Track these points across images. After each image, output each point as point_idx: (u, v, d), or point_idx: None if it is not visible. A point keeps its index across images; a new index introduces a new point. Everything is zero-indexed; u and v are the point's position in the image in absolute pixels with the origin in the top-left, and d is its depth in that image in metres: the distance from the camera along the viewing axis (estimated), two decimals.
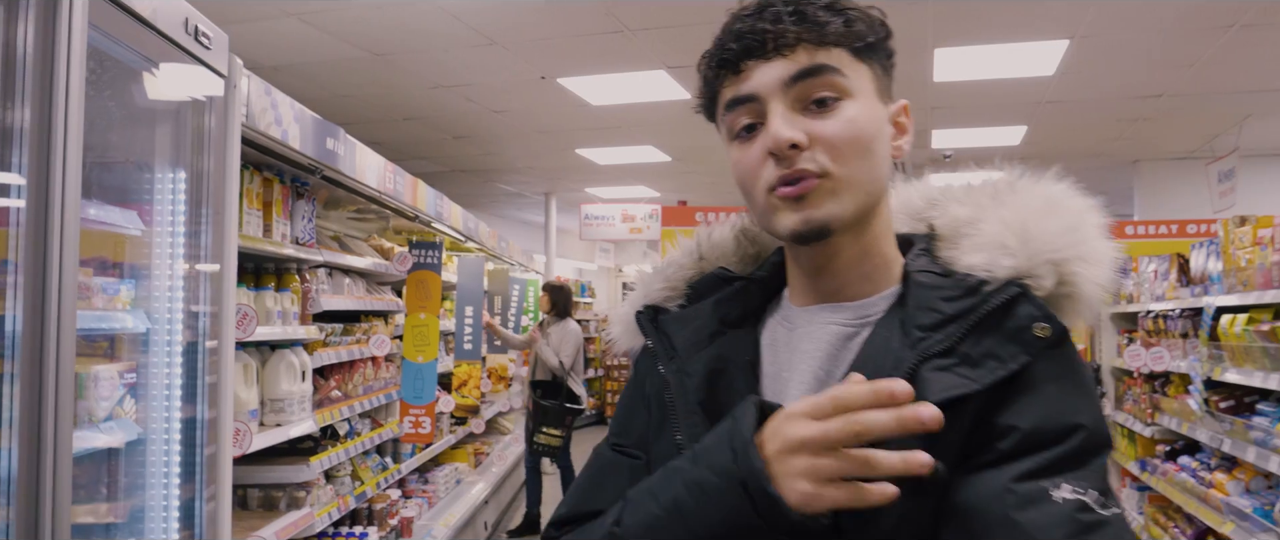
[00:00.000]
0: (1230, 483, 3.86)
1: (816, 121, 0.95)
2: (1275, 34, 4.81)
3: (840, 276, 1.02)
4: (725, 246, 1.17)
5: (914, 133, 1.08)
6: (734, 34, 0.97)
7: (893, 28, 1.04)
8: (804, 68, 0.95)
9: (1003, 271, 0.95)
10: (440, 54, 5.17)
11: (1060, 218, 0.99)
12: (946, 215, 1.05)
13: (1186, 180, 7.97)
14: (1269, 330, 3.19)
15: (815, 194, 0.95)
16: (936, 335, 0.93)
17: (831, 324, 1.01)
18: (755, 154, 0.97)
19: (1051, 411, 0.87)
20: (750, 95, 0.97)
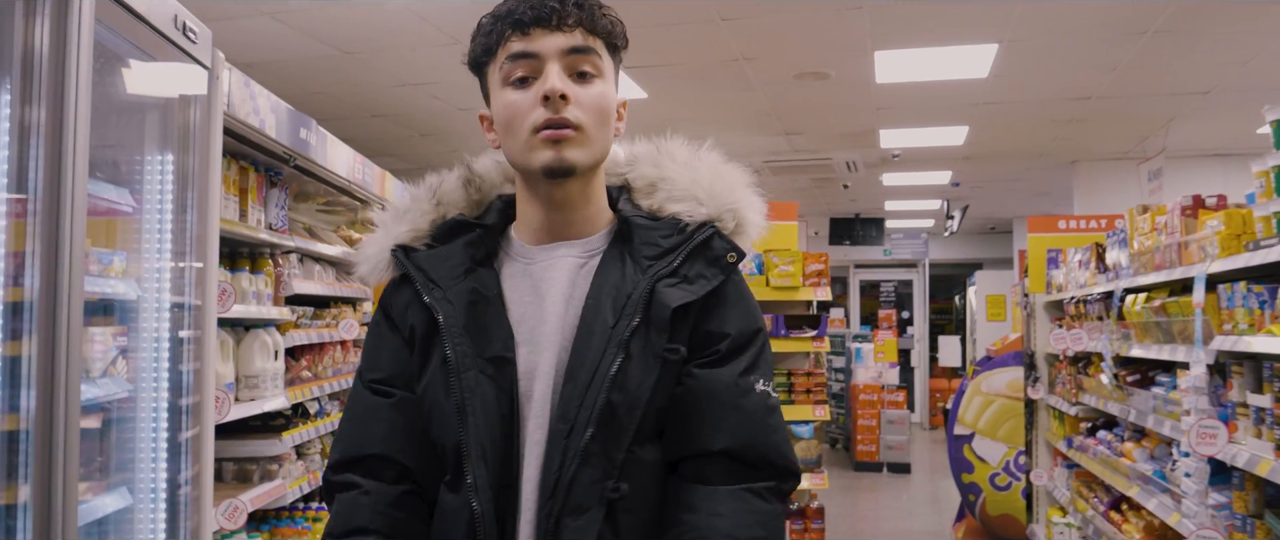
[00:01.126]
0: (1137, 451, 4.20)
1: (579, 88, 1.26)
2: (1188, 41, 5.17)
3: (570, 214, 1.32)
4: (455, 193, 1.42)
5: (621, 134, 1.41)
6: (528, 3, 1.26)
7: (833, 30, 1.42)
8: (579, 45, 1.26)
9: (700, 216, 1.31)
10: (408, 53, 5.41)
11: (726, 179, 1.36)
12: (640, 175, 1.38)
13: (1121, 180, 8.37)
14: (1160, 306, 3.53)
15: (570, 141, 1.25)
16: (661, 263, 1.27)
17: (569, 257, 1.32)
18: (528, 99, 1.26)
19: (744, 320, 1.29)
20: (534, 53, 1.25)
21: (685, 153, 1.40)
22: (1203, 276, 3.03)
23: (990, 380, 6.84)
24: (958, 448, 6.82)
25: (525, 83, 1.27)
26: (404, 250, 1.35)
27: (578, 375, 1.23)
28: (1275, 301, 2.60)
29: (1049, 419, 6.13)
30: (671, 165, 1.38)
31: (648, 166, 1.39)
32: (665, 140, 1.43)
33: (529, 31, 1.26)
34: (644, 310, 1.24)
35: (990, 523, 6.69)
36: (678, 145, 1.41)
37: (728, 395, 1.25)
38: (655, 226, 1.32)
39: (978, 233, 14.71)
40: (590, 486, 1.19)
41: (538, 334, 1.28)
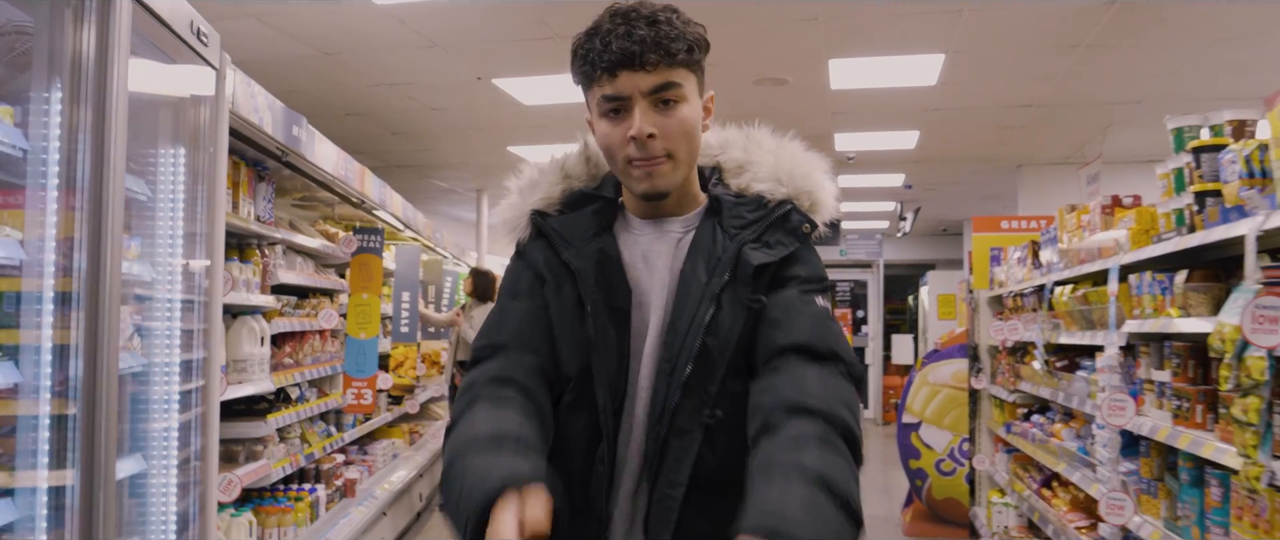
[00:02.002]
0: (1066, 431, 4.56)
1: (663, 118, 1.45)
2: (1120, 54, 5.57)
3: (669, 207, 1.57)
4: (578, 168, 1.65)
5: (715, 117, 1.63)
6: (611, 49, 1.41)
7: (790, 39, 1.65)
8: (661, 82, 1.44)
9: (780, 195, 1.55)
10: (385, 54, 5.65)
11: (804, 166, 1.60)
12: (730, 158, 1.62)
13: (1062, 183, 8.81)
14: (1083, 295, 3.88)
15: (660, 170, 1.47)
16: (747, 232, 1.51)
17: (671, 232, 1.58)
18: (621, 133, 1.45)
19: (812, 269, 1.52)
20: (622, 95, 1.44)
21: (771, 141, 1.63)
22: (1116, 268, 3.39)
23: (937, 372, 7.22)
24: (906, 436, 7.18)
25: (617, 114, 1.46)
26: (540, 215, 1.60)
27: (678, 323, 1.46)
28: (1173, 287, 2.95)
29: (991, 407, 6.51)
30: (758, 151, 1.61)
31: (737, 151, 1.62)
32: (753, 128, 1.66)
33: (616, 75, 1.42)
34: (732, 269, 1.47)
35: (936, 506, 7.06)
36: (764, 134, 1.65)
37: (795, 304, 1.46)
38: (742, 203, 1.54)
39: (930, 234, 15.19)
40: (691, 413, 1.43)
41: (648, 292, 1.53)
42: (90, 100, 2.14)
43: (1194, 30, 5.14)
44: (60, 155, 2.11)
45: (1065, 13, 4.88)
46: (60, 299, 2.13)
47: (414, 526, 7.04)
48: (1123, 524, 3.29)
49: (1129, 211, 3.48)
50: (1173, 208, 2.98)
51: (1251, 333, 2.08)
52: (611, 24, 1.45)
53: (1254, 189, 2.40)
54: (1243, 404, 2.22)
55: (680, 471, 1.41)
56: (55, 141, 2.10)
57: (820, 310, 1.47)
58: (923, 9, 4.86)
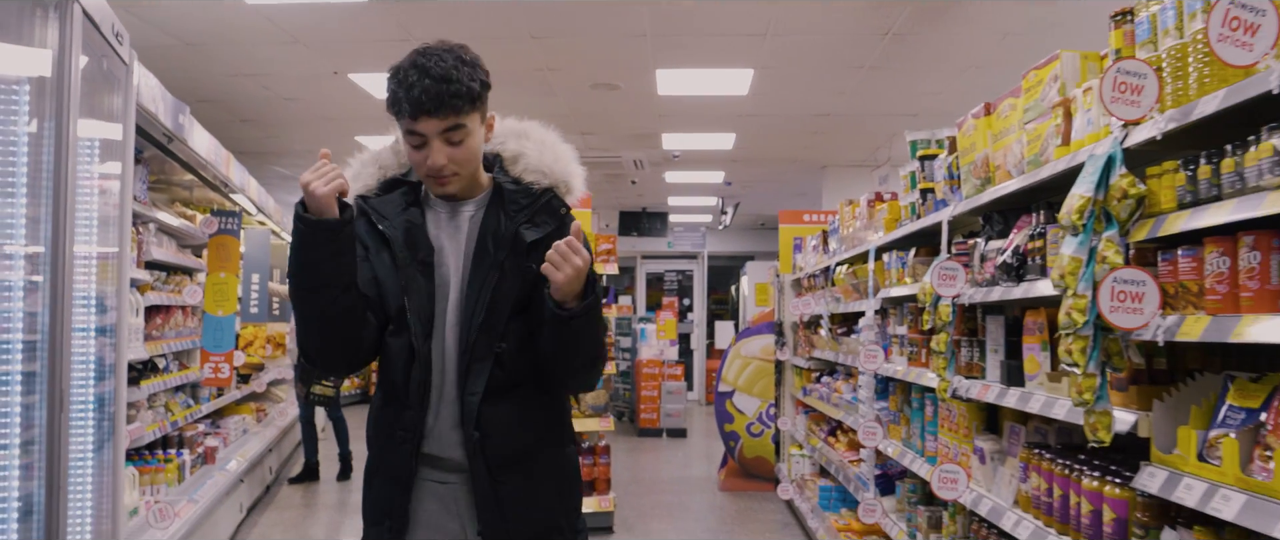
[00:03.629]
0: (845, 386, 5.54)
1: (453, 150, 1.89)
2: (894, 75, 6.64)
3: (460, 194, 2.03)
4: (387, 158, 2.11)
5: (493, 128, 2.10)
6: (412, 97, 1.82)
7: (621, 50, 2.16)
8: (451, 124, 1.87)
9: (545, 184, 2.02)
10: (249, 48, 6.03)
11: (562, 158, 2.12)
12: (506, 149, 2.08)
13: (860, 183, 10.02)
14: (853, 271, 4.84)
15: (450, 182, 1.94)
16: (521, 215, 2.04)
17: (464, 211, 2.04)
18: (422, 158, 1.89)
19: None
20: (420, 133, 1.87)
21: (539, 133, 2.11)
22: (873, 248, 4.33)
23: (748, 346, 8.21)
24: (721, 403, 8.13)
25: (418, 146, 1.90)
26: (362, 198, 2.14)
27: (474, 282, 1.97)
28: (908, 261, 3.88)
29: (792, 375, 7.52)
30: (528, 143, 2.07)
31: (512, 143, 2.07)
32: (522, 122, 2.12)
33: (416, 118, 1.85)
34: (511, 244, 1.95)
35: (747, 464, 8.04)
36: (534, 127, 2.13)
37: None
38: (518, 191, 2.01)
39: (750, 228, 16.43)
40: (486, 346, 1.94)
41: (448, 254, 2.02)
42: (51, 102, 2.60)
43: (949, 59, 6.25)
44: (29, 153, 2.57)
45: (848, 39, 5.86)
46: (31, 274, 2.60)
47: (265, 498, 7.40)
48: (876, 446, 4.23)
49: (884, 204, 4.43)
50: (908, 201, 3.91)
51: (938, 286, 2.97)
52: (413, 75, 1.86)
53: (951, 187, 3.32)
54: (937, 339, 3.12)
55: (479, 384, 1.95)
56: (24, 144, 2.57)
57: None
58: (733, 30, 5.72)
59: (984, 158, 2.95)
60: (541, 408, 2.07)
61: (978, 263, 2.96)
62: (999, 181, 2.82)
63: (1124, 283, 1.79)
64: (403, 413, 2.00)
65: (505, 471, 1.98)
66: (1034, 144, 2.53)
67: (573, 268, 1.82)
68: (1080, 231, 1.93)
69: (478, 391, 1.96)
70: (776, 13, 5.40)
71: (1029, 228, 2.61)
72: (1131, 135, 1.92)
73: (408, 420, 1.99)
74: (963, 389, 3.01)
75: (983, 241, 2.97)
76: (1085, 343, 1.91)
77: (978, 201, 2.91)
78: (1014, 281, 2.59)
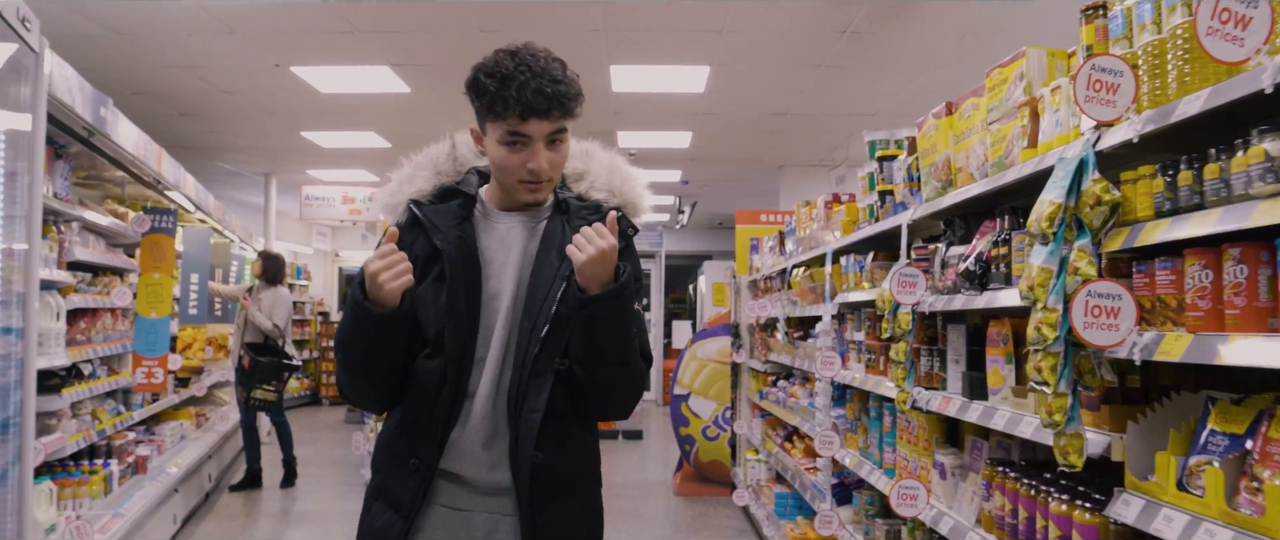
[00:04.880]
0: (802, 391, 5.42)
1: (553, 154, 1.81)
2: (853, 75, 6.54)
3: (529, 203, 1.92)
4: (446, 165, 2.00)
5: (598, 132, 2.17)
6: (525, 98, 1.71)
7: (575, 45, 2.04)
8: (557, 129, 1.80)
9: (613, 203, 1.95)
10: (183, 38, 5.76)
11: (630, 179, 2.04)
12: (571, 167, 1.99)
13: (817, 183, 9.95)
14: (810, 275, 4.71)
15: (544, 189, 1.85)
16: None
17: (521, 223, 1.96)
18: (520, 161, 1.78)
19: (634, 264, 1.96)
20: (527, 135, 1.76)
21: (603, 155, 2.02)
22: (830, 252, 4.20)
23: (704, 348, 8.07)
24: (676, 406, 7.99)
25: (516, 146, 1.78)
26: (416, 204, 1.94)
27: (536, 294, 1.84)
28: (866, 265, 3.76)
29: (749, 378, 7.40)
30: (593, 163, 1.99)
31: (577, 161, 1.98)
32: (588, 142, 2.03)
33: (526, 119, 1.74)
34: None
35: (702, 468, 7.91)
36: (596, 147, 2.04)
37: None
38: (583, 207, 1.90)
39: (707, 227, 16.33)
40: (547, 360, 1.81)
41: (503, 269, 1.88)
42: None
43: (908, 59, 6.16)
44: None
45: (805, 37, 5.74)
46: None
47: (204, 507, 7.12)
48: (832, 456, 4.11)
49: (842, 207, 4.31)
50: (866, 204, 3.79)
51: (897, 294, 2.84)
52: (524, 75, 1.75)
53: (910, 190, 3.20)
54: (896, 348, 3.00)
55: (539, 400, 1.85)
56: None
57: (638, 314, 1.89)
58: (689, 26, 5.58)
59: (945, 160, 2.83)
60: (589, 434, 1.98)
61: (939, 269, 2.84)
62: (961, 185, 2.70)
63: (1099, 297, 1.66)
64: (420, 441, 1.87)
65: (549, 501, 1.86)
66: (998, 146, 2.40)
67: (597, 249, 1.74)
68: (1050, 240, 1.80)
69: (538, 409, 1.83)
70: (733, 9, 5.26)
71: (992, 233, 2.48)
72: (1105, 137, 1.79)
73: (424, 450, 1.86)
74: (922, 400, 2.88)
75: (944, 247, 2.85)
76: (1056, 360, 1.78)
77: (938, 205, 2.78)
78: (977, 290, 2.46)
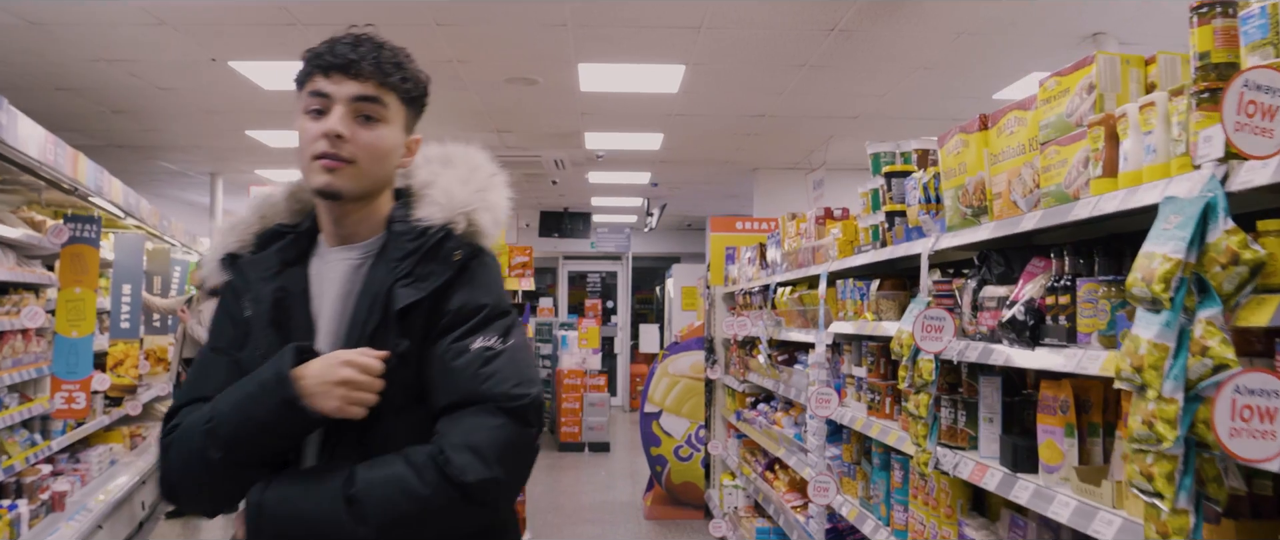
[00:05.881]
0: (785, 419, 5.00)
1: (360, 129, 1.50)
2: (838, 75, 6.13)
3: (350, 226, 1.58)
4: (279, 206, 1.66)
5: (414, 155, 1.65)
6: (334, 51, 1.49)
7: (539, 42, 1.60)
8: (367, 94, 1.51)
9: (438, 220, 1.54)
10: (104, 28, 5.21)
11: (474, 181, 1.62)
12: (418, 179, 1.62)
13: (792, 186, 9.55)
14: (798, 297, 4.28)
15: (340, 172, 1.49)
16: (403, 264, 1.50)
17: (347, 260, 1.59)
18: (316, 129, 1.49)
19: (467, 298, 1.52)
20: (327, 93, 1.49)
21: (468, 159, 1.65)
22: (825, 274, 3.78)
23: (676, 363, 7.63)
24: (647, 424, 7.54)
25: (319, 115, 1.50)
26: (231, 258, 1.61)
27: None
28: (868, 293, 3.34)
29: (724, 396, 6.98)
30: (449, 170, 1.62)
31: (431, 169, 1.62)
32: (455, 147, 1.67)
33: (329, 75, 1.49)
34: (383, 310, 1.48)
35: (675, 490, 7.47)
36: (465, 151, 1.67)
37: (441, 362, 1.48)
38: (405, 233, 1.54)
39: (676, 228, 15.90)
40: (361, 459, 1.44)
41: (325, 323, 1.55)
42: None
43: (899, 59, 5.76)
44: None
45: (790, 35, 5.32)
46: None
47: (136, 536, 6.56)
48: (827, 504, 3.69)
49: (837, 223, 3.89)
50: (870, 224, 3.37)
51: (921, 339, 2.42)
52: (345, 36, 1.55)
53: (929, 213, 2.78)
54: (916, 400, 2.57)
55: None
56: None
57: (470, 358, 1.47)
58: (664, 23, 5.13)
59: (978, 183, 2.41)
60: None
61: (969, 310, 2.42)
62: (1001, 214, 2.27)
63: (1253, 394, 1.24)
64: None
65: None
66: (1055, 171, 1.98)
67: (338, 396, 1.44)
68: (1165, 307, 1.38)
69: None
70: (713, 5, 4.82)
71: (1046, 276, 2.06)
72: (1240, 175, 1.37)
73: None
74: (948, 463, 2.46)
75: (973, 283, 2.43)
76: (1173, 466, 1.36)
77: (971, 237, 2.35)
78: (1027, 345, 2.04)
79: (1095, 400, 1.94)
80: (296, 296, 1.55)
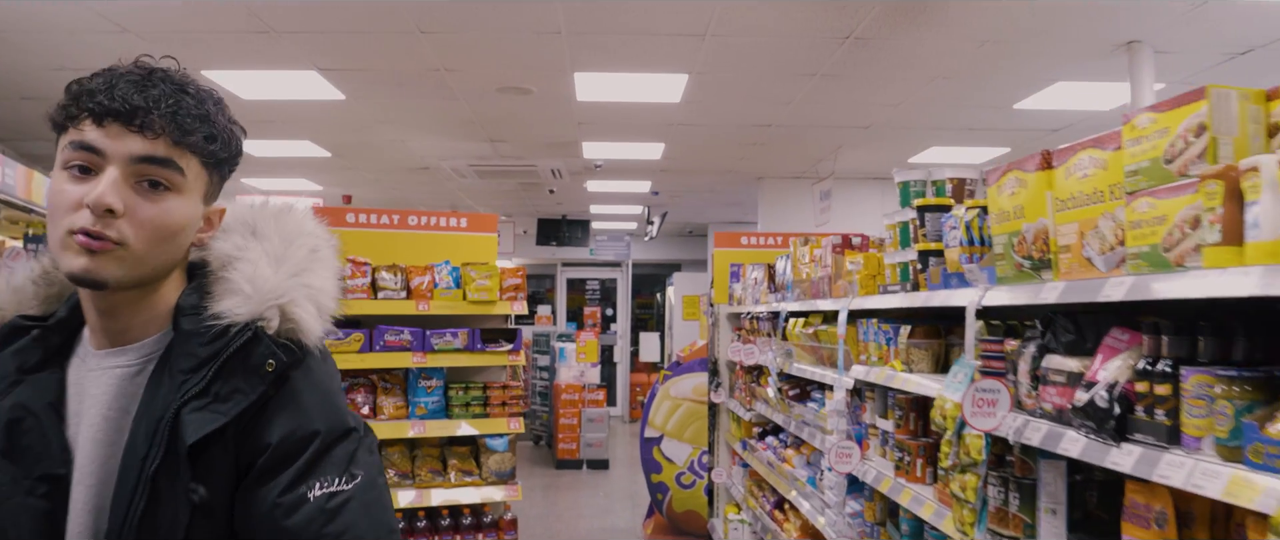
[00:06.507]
0: (796, 457, 4.64)
1: (140, 200, 1.10)
2: (851, 85, 5.77)
3: (123, 321, 1.17)
4: (25, 291, 1.25)
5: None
6: (111, 90, 1.09)
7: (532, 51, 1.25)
8: (156, 155, 1.10)
9: (242, 316, 1.15)
10: (64, 36, 4.84)
11: (289, 262, 1.22)
12: (218, 251, 1.23)
13: (799, 196, 9.20)
14: (813, 333, 3.92)
15: (106, 255, 1.08)
16: (194, 377, 1.11)
17: (117, 368, 1.16)
18: (74, 195, 1.08)
19: (292, 426, 1.14)
20: (99, 150, 1.08)
21: (288, 226, 1.26)
22: (845, 311, 3.41)
23: (678, 385, 7.26)
24: (648, 450, 7.18)
25: (83, 175, 1.10)
26: None
27: (115, 513, 1.10)
28: (897, 339, 2.97)
29: (729, 421, 6.61)
30: (256, 245, 1.23)
31: (230, 240, 1.23)
32: (269, 205, 1.28)
33: (102, 123, 1.09)
34: (168, 442, 1.09)
35: (676, 519, 7.11)
36: (271, 211, 1.27)
37: (269, 522, 1.11)
38: (198, 331, 1.15)
39: (677, 235, 15.53)
40: None
41: (87, 452, 1.14)
42: None
43: (916, 67, 5.39)
44: None
45: (802, 43, 4.95)
46: None
47: None
48: None
49: (858, 254, 3.52)
50: (898, 261, 3.00)
51: (971, 416, 2.05)
52: (129, 69, 1.14)
53: (974, 259, 2.41)
54: (961, 480, 2.21)
55: None
56: None
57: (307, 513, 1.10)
58: (666, 30, 4.76)
59: (1039, 231, 2.04)
60: None
61: (1027, 380, 2.05)
62: (1069, 270, 1.91)
63: None
64: None
65: None
66: (1150, 229, 1.61)
67: None
68: None
69: None
70: (719, 10, 4.45)
71: (1133, 354, 1.70)
72: None
73: None
74: None
75: (1032, 348, 2.06)
76: None
77: (1037, 297, 1.98)
78: (1110, 439, 1.67)
79: (1201, 514, 1.58)
80: (42, 414, 1.13)
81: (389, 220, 5.08)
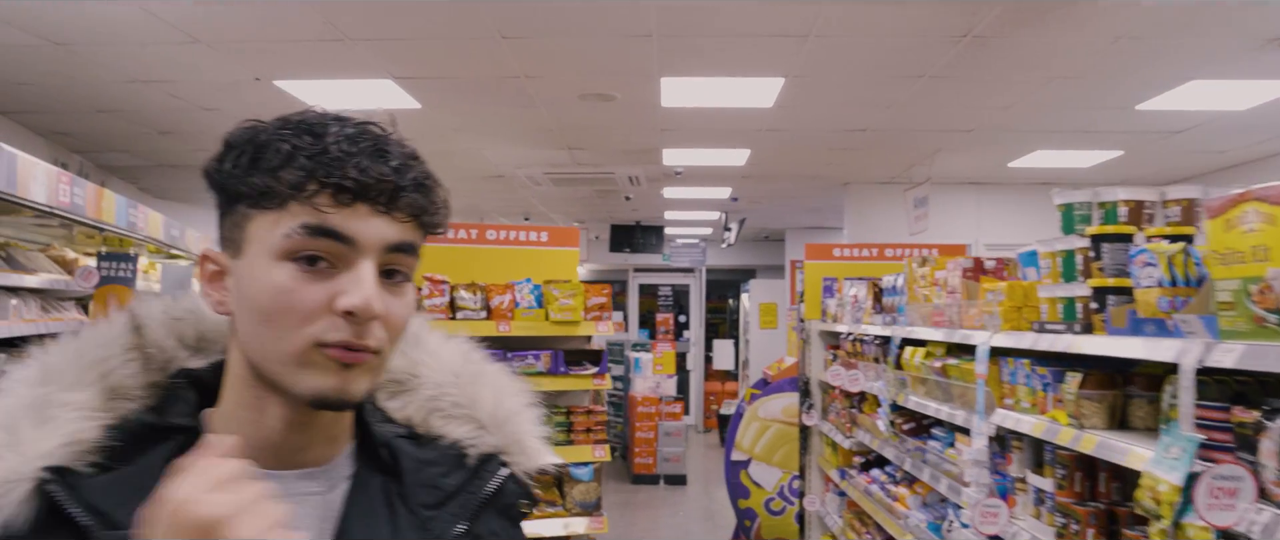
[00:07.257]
0: (911, 497, 4.23)
1: (390, 297, 0.89)
2: (960, 86, 5.33)
3: (311, 437, 0.93)
4: (129, 369, 0.93)
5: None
6: (355, 163, 0.85)
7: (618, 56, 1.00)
8: (407, 242, 0.89)
9: (486, 446, 1.01)
10: (135, 48, 4.67)
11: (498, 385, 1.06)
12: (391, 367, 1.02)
13: (889, 202, 8.72)
14: (941, 367, 3.51)
15: (360, 369, 0.87)
16: (443, 513, 0.95)
17: (312, 494, 0.93)
18: (317, 296, 0.85)
19: None
20: (349, 238, 0.85)
21: (444, 348, 1.06)
22: (987, 349, 3.00)
23: (767, 406, 6.88)
24: (734, 473, 6.81)
25: (316, 266, 0.85)
26: (63, 480, 0.83)
27: None
28: (1059, 386, 2.56)
29: (823, 445, 6.21)
30: (425, 359, 1.04)
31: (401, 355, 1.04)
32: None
33: (351, 204, 0.85)
34: None
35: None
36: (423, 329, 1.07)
37: None
38: (428, 457, 0.98)
39: (752, 240, 15.10)
40: None
41: None
42: None
43: (1037, 67, 4.94)
44: None
45: (913, 43, 4.54)
46: None
47: None
48: None
49: (997, 283, 3.10)
50: (1061, 295, 2.59)
51: (1207, 510, 1.65)
52: (341, 128, 0.87)
53: (1180, 300, 2.00)
54: None
55: None
56: None
57: None
58: (765, 30, 4.39)
59: None
60: None
61: (1276, 463, 1.65)
62: None
63: None
64: None
65: None
66: None
67: None
68: None
69: None
70: (825, 11, 4.06)
71: None
72: None
73: None
74: None
75: None
76: None
77: None
78: None
79: None
80: None
81: (467, 234, 4.81)
